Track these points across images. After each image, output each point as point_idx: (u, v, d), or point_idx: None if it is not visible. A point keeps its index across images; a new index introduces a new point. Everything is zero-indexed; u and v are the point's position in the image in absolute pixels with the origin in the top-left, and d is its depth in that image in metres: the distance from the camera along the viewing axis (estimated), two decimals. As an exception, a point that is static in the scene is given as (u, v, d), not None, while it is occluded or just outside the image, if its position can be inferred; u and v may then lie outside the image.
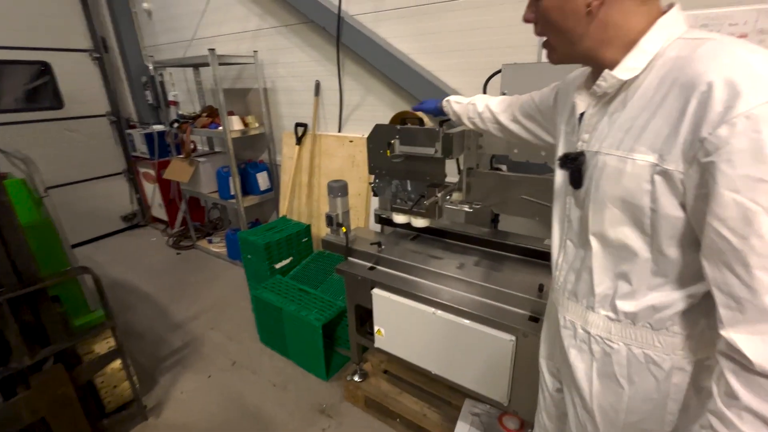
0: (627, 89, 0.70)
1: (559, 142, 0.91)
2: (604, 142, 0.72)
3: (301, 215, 3.20)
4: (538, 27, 0.77)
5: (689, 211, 0.63)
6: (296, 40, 2.90)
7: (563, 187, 0.86)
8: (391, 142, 1.54)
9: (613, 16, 0.68)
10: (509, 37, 2.03)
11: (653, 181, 0.64)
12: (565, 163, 0.78)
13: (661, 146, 0.62)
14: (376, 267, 1.70)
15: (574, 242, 0.84)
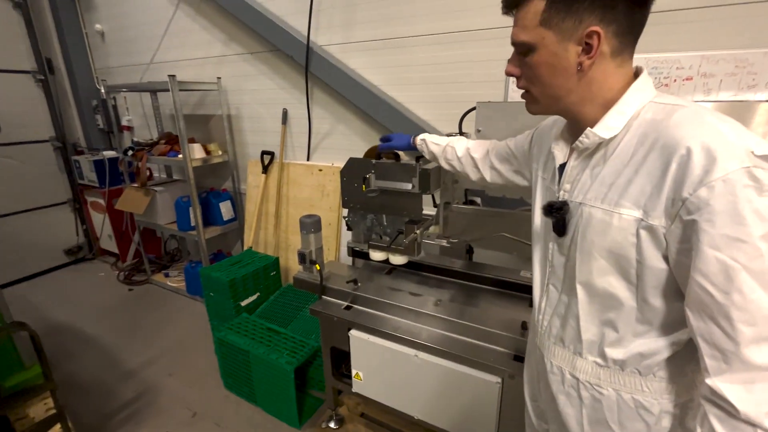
0: (606, 146, 0.74)
1: (536, 187, 0.95)
2: (588, 194, 0.75)
3: (267, 247, 3.05)
4: (521, 81, 0.79)
5: (672, 263, 0.66)
6: (263, 68, 2.84)
7: (544, 232, 0.87)
8: (366, 177, 1.50)
9: (597, 75, 0.72)
10: (477, 72, 2.09)
11: (638, 234, 0.67)
12: (550, 212, 0.80)
13: (646, 203, 0.66)
14: (353, 306, 1.62)
15: (557, 287, 0.85)
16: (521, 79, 0.79)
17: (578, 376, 0.82)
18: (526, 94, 0.81)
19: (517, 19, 0.73)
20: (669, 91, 1.66)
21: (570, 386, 0.84)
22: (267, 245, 3.06)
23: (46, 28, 3.74)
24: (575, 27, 0.68)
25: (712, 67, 1.57)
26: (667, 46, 1.63)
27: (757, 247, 0.57)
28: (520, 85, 0.80)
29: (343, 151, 2.60)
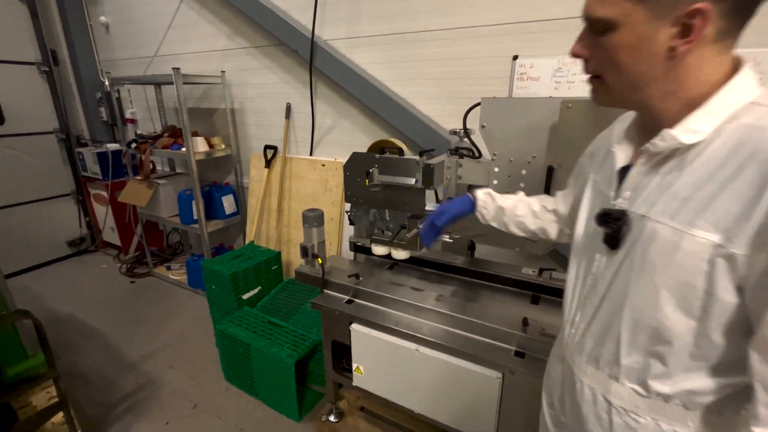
0: (686, 152, 0.62)
1: (585, 191, 0.84)
2: (654, 207, 0.64)
3: (269, 241, 3.06)
4: (591, 64, 0.67)
5: (747, 297, 0.57)
6: (267, 62, 2.84)
7: (591, 242, 0.78)
8: (369, 171, 1.50)
9: (690, 65, 0.59)
10: (482, 68, 2.08)
11: (713, 262, 0.57)
12: (605, 221, 0.69)
13: (730, 226, 0.55)
14: (354, 300, 1.63)
15: (597, 304, 0.76)
16: (591, 63, 0.67)
17: (612, 401, 0.73)
18: (594, 81, 0.68)
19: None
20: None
21: (602, 409, 0.75)
22: (269, 239, 3.06)
23: (51, 19, 3.74)
24: (674, 3, 0.55)
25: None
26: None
27: None
28: (590, 69, 0.67)
29: (346, 146, 2.59)
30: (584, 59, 0.67)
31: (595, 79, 0.68)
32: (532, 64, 1.91)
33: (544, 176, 1.32)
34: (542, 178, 1.33)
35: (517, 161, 1.37)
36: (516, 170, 1.39)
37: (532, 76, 1.93)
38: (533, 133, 1.30)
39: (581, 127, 1.17)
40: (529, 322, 1.29)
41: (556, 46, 1.87)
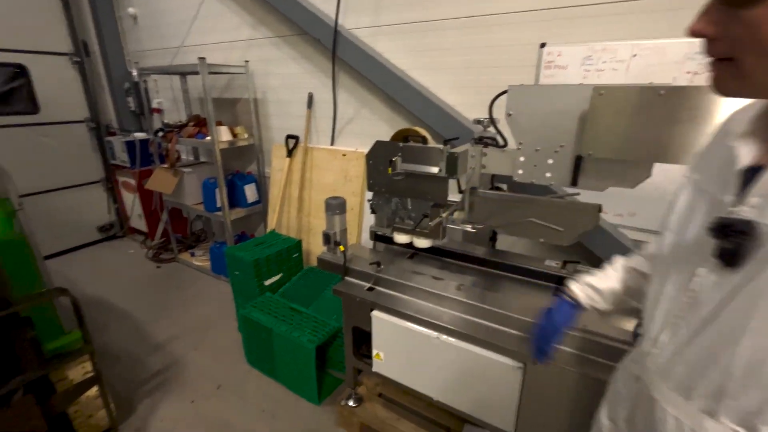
0: None
1: (680, 194, 0.73)
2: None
3: (290, 230, 3.11)
4: (721, 45, 0.55)
5: None
6: (289, 52, 2.86)
7: (691, 254, 0.67)
8: (393, 160, 1.50)
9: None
10: (507, 56, 2.04)
11: None
12: (724, 233, 0.57)
13: None
14: (375, 287, 1.64)
15: (695, 327, 0.64)
16: (719, 43, 0.55)
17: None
18: (721, 65, 0.57)
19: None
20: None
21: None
22: (290, 228, 3.11)
23: (83, 11, 3.86)
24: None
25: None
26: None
27: None
28: (717, 50, 0.56)
29: (368, 136, 2.59)
30: (709, 38, 0.55)
31: (722, 63, 0.56)
32: (560, 52, 1.87)
33: (572, 166, 1.30)
34: (570, 167, 1.31)
35: (543, 150, 1.34)
36: (542, 160, 1.36)
37: (560, 65, 1.88)
38: (561, 121, 1.27)
39: (613, 116, 1.14)
40: (554, 313, 1.28)
41: (586, 34, 1.82)
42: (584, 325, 1.27)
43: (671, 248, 0.72)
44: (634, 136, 1.13)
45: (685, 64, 1.61)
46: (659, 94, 1.06)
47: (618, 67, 1.75)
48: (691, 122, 1.04)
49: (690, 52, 1.60)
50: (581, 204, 1.39)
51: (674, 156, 1.11)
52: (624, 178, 1.26)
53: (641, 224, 1.89)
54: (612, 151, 1.17)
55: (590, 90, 1.15)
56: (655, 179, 1.78)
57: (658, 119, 1.08)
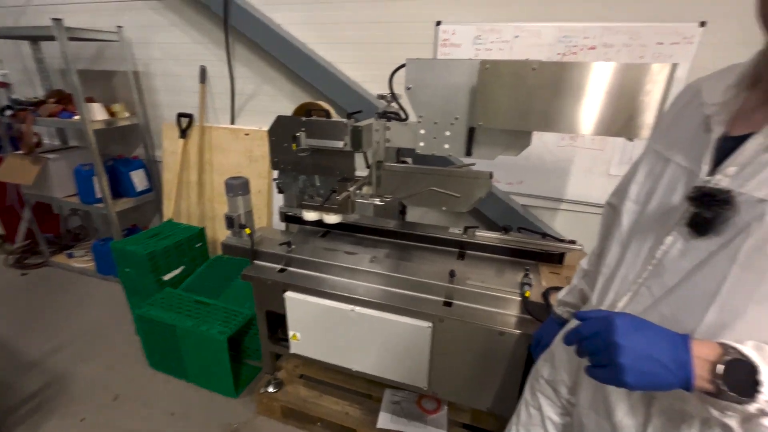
0: None
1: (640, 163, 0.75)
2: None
3: (191, 217, 2.84)
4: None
5: None
6: (174, 18, 2.53)
7: (660, 223, 0.66)
8: (296, 135, 1.45)
9: None
10: (407, 33, 2.08)
11: None
12: (705, 203, 0.57)
13: None
14: (287, 268, 1.60)
15: (655, 293, 0.65)
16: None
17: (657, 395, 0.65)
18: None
19: None
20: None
21: (637, 400, 0.68)
22: (190, 216, 2.84)
23: None
24: None
25: (611, 37, 1.75)
26: (574, 16, 1.77)
27: None
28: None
29: (271, 113, 2.38)
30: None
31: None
32: (454, 30, 1.96)
33: (466, 137, 1.39)
34: (465, 138, 1.40)
35: (441, 123, 1.42)
36: (441, 132, 1.43)
37: (455, 43, 1.98)
38: (455, 94, 1.35)
39: (498, 89, 1.24)
40: (456, 273, 1.39)
41: (476, 14, 1.93)
42: (481, 280, 1.40)
43: (633, 218, 0.73)
44: (517, 107, 1.24)
45: (556, 46, 1.82)
46: (533, 69, 1.18)
47: (503, 47, 1.90)
48: (566, 95, 1.17)
49: (560, 35, 1.81)
50: (475, 172, 1.51)
51: (554, 125, 1.22)
52: (510, 147, 1.39)
53: (528, 191, 2.13)
54: (499, 121, 1.28)
55: (478, 64, 1.24)
56: (537, 150, 2.03)
57: (535, 92, 1.20)
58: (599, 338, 0.58)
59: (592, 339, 0.59)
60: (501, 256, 1.66)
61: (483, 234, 1.72)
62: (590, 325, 0.60)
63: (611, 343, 0.55)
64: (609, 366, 0.56)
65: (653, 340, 0.55)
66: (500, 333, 1.27)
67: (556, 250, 1.58)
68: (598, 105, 1.14)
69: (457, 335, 1.33)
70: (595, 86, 1.12)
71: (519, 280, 1.40)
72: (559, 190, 2.07)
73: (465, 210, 1.54)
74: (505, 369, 1.31)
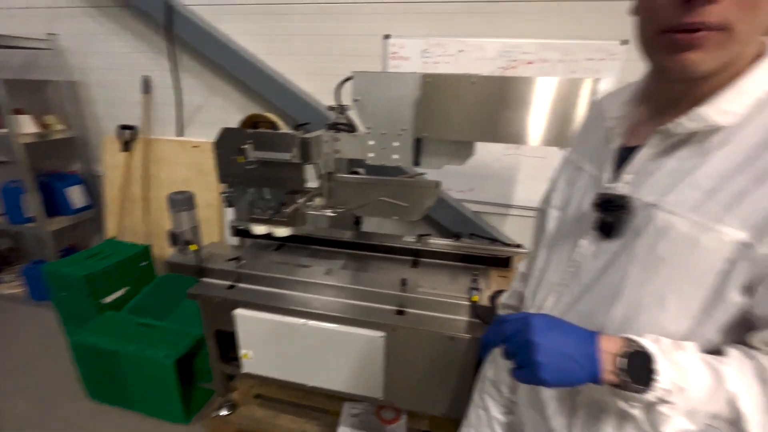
0: (709, 137, 0.55)
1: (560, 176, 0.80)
2: (668, 196, 0.57)
3: (136, 235, 2.68)
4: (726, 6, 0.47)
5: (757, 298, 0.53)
6: (114, 27, 2.41)
7: (574, 227, 0.71)
8: (243, 148, 1.42)
9: None
10: (358, 45, 2.11)
11: (733, 261, 0.52)
12: (606, 208, 0.62)
13: (761, 225, 0.50)
14: (237, 285, 1.55)
15: (575, 294, 0.69)
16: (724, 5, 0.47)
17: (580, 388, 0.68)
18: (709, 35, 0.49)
19: None
20: (515, 73, 1.93)
21: (565, 394, 0.72)
22: (135, 233, 2.68)
23: None
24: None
25: (547, 53, 1.87)
26: (512, 33, 1.88)
27: None
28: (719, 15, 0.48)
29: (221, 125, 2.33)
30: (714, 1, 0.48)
31: (712, 33, 0.49)
32: (403, 44, 2.02)
33: (413, 147, 1.43)
34: (412, 149, 1.43)
35: (389, 134, 1.44)
36: (389, 143, 1.46)
37: (403, 56, 2.04)
38: (401, 106, 1.38)
39: (440, 101, 1.28)
40: (407, 282, 1.41)
41: (423, 29, 1.99)
42: (433, 287, 1.43)
43: (556, 223, 0.78)
44: (459, 118, 1.29)
45: (498, 60, 1.92)
46: (471, 82, 1.23)
47: (450, 60, 1.98)
48: (504, 108, 1.23)
49: (501, 50, 1.91)
50: (424, 182, 1.54)
51: (494, 136, 1.28)
52: (455, 157, 1.44)
53: (478, 198, 2.21)
54: (442, 132, 1.33)
55: (420, 77, 1.28)
56: (485, 159, 2.11)
57: (475, 104, 1.26)
58: (518, 338, 0.61)
59: (513, 339, 0.62)
60: (453, 263, 1.70)
61: (435, 241, 1.76)
62: (510, 326, 0.63)
63: (528, 342, 0.58)
64: (528, 366, 0.59)
65: (565, 338, 0.59)
66: (451, 338, 1.29)
67: (504, 254, 1.64)
68: (534, 117, 1.21)
69: (410, 343, 1.34)
70: (530, 99, 1.19)
71: (469, 285, 1.43)
72: (507, 197, 2.17)
73: (416, 218, 1.56)
74: (457, 373, 1.34)
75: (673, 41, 0.51)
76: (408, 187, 1.54)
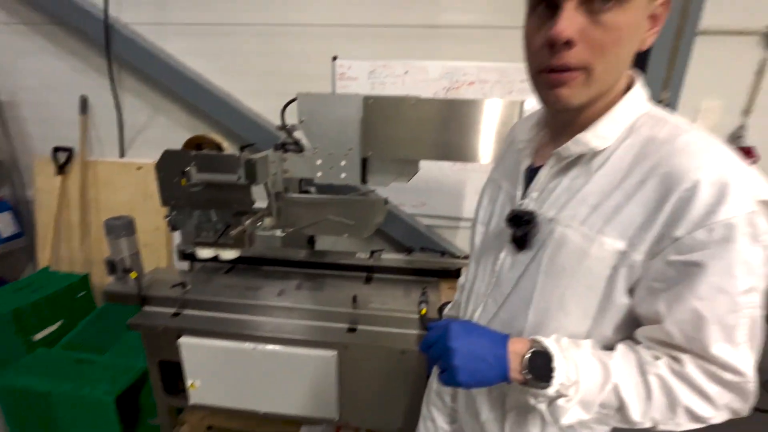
0: (592, 158, 0.63)
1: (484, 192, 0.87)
2: (563, 211, 0.64)
3: (73, 264, 2.50)
4: (580, 50, 0.54)
5: (637, 299, 0.60)
6: (45, 44, 2.29)
7: (496, 241, 0.78)
8: (186, 170, 1.39)
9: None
10: (307, 65, 2.13)
11: (616, 267, 0.60)
12: (517, 224, 0.69)
13: (633, 235, 0.58)
14: (183, 312, 1.48)
15: (499, 302, 0.75)
16: (579, 50, 0.54)
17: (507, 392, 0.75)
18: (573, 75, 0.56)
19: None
20: (459, 95, 2.04)
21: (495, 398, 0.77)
22: (72, 262, 2.49)
23: None
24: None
25: (486, 75, 1.99)
26: (456, 55, 1.99)
27: (735, 302, 0.53)
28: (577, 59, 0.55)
29: (167, 145, 2.24)
30: (571, 45, 0.54)
31: (575, 73, 0.57)
32: (350, 65, 2.07)
33: (360, 166, 1.46)
34: (359, 167, 1.47)
35: (336, 153, 1.47)
36: (336, 162, 1.48)
37: (351, 76, 2.09)
38: (347, 127, 1.41)
39: (383, 122, 1.33)
40: (358, 299, 1.42)
41: (370, 51, 2.06)
42: (383, 302, 1.45)
43: (481, 238, 0.84)
44: (401, 138, 1.34)
45: (441, 81, 2.02)
46: (411, 104, 1.30)
47: (396, 81, 2.05)
48: (443, 128, 1.30)
49: (444, 72, 2.01)
50: (371, 199, 1.58)
51: (437, 154, 1.34)
52: (401, 174, 1.49)
53: (431, 212, 2.27)
54: (385, 151, 1.37)
55: (362, 100, 1.32)
56: (435, 174, 2.19)
57: (415, 124, 1.32)
58: (439, 344, 0.66)
59: (435, 346, 0.67)
60: (406, 277, 1.74)
61: (388, 256, 1.79)
62: (433, 333, 0.68)
63: (447, 347, 0.64)
64: (447, 369, 0.64)
65: (479, 341, 0.64)
66: (402, 352, 1.31)
67: (453, 266, 1.70)
68: (470, 135, 1.28)
69: (362, 360, 1.35)
70: (467, 119, 1.27)
71: (419, 298, 1.47)
72: (457, 210, 2.25)
73: (366, 235, 1.59)
74: (410, 387, 1.36)
75: (548, 80, 0.59)
76: (357, 205, 1.56)
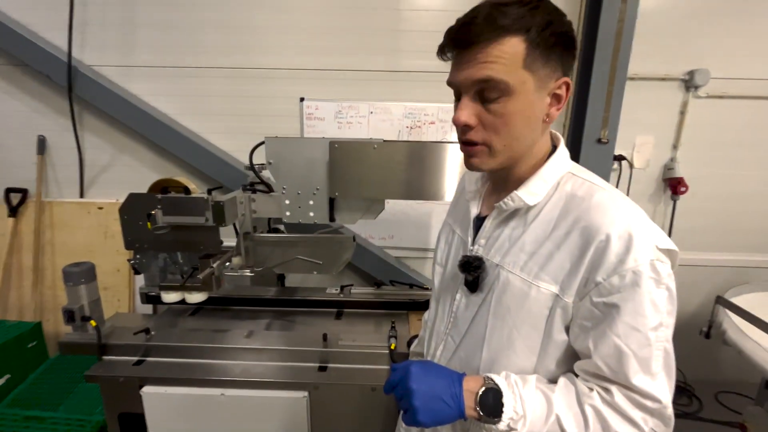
0: (527, 211, 0.72)
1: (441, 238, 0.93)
2: (506, 257, 0.72)
3: (24, 311, 2.34)
4: (478, 132, 0.68)
5: (572, 336, 0.68)
6: (2, 85, 2.24)
7: (452, 283, 0.84)
8: (151, 214, 1.38)
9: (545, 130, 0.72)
10: (275, 107, 2.21)
11: (552, 308, 0.67)
12: (468, 269, 0.75)
13: (563, 279, 0.66)
14: (145, 359, 1.43)
15: (456, 341, 0.81)
16: (477, 131, 0.68)
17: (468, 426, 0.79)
18: (477, 149, 0.69)
19: (486, 56, 0.62)
20: (421, 133, 2.17)
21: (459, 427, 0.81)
22: (23, 309, 2.34)
23: None
24: (549, 76, 0.65)
25: (445, 115, 2.13)
26: (417, 97, 2.13)
27: (647, 337, 0.61)
28: (477, 137, 0.68)
29: (131, 183, 2.20)
30: (469, 126, 0.67)
31: (480, 148, 0.69)
32: (317, 106, 2.16)
33: (328, 205, 1.51)
34: (327, 206, 1.52)
35: (304, 193, 1.51)
36: (304, 201, 1.53)
37: (319, 117, 2.17)
38: (314, 168, 1.47)
39: (347, 164, 1.40)
40: (328, 336, 1.43)
41: (335, 92, 2.17)
42: (353, 339, 1.47)
43: (439, 278, 0.90)
44: (365, 180, 1.41)
45: (404, 120, 2.14)
46: (374, 147, 1.38)
47: (362, 121, 2.16)
48: (406, 168, 1.38)
49: (406, 112, 2.14)
50: (340, 237, 1.62)
51: (401, 194, 1.41)
52: (368, 212, 1.55)
53: (399, 244, 2.34)
54: (352, 192, 1.43)
55: (327, 144, 1.39)
56: (402, 207, 2.28)
57: (379, 166, 1.39)
58: (401, 385, 0.68)
59: (398, 386, 0.69)
60: (376, 310, 1.76)
61: (358, 291, 1.82)
62: (395, 375, 0.72)
63: (407, 389, 0.66)
64: (408, 410, 0.66)
65: (436, 381, 0.67)
66: (372, 388, 1.32)
67: (421, 298, 1.75)
68: (434, 175, 1.37)
69: (334, 399, 1.34)
70: (429, 161, 1.36)
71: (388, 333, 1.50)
72: (424, 241, 2.33)
73: (335, 272, 1.62)
74: (380, 424, 1.36)
75: (463, 150, 0.72)
76: (326, 242, 1.60)
